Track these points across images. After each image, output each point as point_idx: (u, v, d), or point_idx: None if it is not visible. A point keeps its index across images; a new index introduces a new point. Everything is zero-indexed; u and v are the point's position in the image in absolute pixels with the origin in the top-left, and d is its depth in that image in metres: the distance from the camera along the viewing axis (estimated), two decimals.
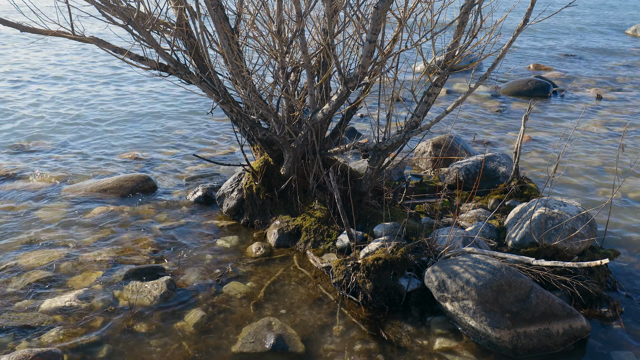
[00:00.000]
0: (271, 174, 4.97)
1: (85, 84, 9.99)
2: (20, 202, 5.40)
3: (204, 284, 4.21)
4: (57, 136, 7.29)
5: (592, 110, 9.30)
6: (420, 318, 3.88)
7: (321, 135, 4.77)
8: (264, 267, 4.46)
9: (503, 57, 3.94)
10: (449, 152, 6.22)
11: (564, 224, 4.24)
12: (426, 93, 4.28)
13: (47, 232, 4.86)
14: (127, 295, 4.01)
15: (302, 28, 3.72)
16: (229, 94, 4.45)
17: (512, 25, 3.82)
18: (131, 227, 5.00)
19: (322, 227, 4.68)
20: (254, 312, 3.89)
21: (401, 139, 4.36)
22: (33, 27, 3.93)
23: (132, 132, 7.53)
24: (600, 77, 11.69)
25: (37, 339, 3.55)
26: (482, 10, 3.76)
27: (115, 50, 4.12)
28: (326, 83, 4.71)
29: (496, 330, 3.53)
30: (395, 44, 4.27)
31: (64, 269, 4.33)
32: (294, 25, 4.13)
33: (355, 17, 3.89)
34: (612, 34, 17.61)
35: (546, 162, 6.73)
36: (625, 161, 6.71)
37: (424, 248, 4.15)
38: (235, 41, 4.11)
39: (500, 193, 5.19)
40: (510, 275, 3.63)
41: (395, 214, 4.77)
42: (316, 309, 3.95)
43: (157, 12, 4.02)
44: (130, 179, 5.77)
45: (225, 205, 5.31)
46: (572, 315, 3.65)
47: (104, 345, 3.52)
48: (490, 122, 8.50)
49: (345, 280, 4.05)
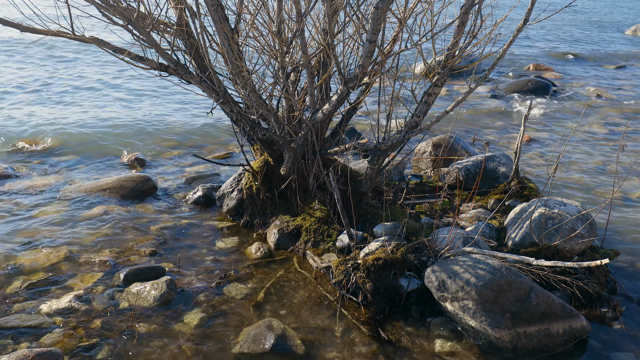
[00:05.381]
0: (271, 174, 4.96)
1: (86, 84, 9.99)
2: (20, 202, 5.39)
3: (204, 284, 4.21)
4: (57, 136, 7.29)
5: (592, 110, 9.30)
6: (420, 318, 3.88)
7: (321, 135, 4.77)
8: (264, 268, 4.46)
9: (503, 57, 3.94)
10: (449, 152, 6.22)
11: (564, 224, 4.24)
12: (426, 93, 4.28)
13: (47, 232, 4.85)
14: (127, 296, 4.01)
15: (302, 28, 3.72)
16: (229, 94, 4.44)
17: (512, 26, 3.81)
18: (131, 228, 5.00)
19: (322, 227, 4.68)
20: (254, 313, 3.89)
21: (401, 139, 4.36)
22: (33, 27, 3.93)
23: (133, 132, 7.53)
24: (600, 77, 11.69)
25: (37, 339, 3.55)
26: (482, 10, 3.76)
27: (115, 50, 4.12)
28: (326, 83, 4.71)
29: (496, 330, 3.53)
30: (395, 44, 4.27)
31: (64, 269, 4.32)
32: (294, 25, 4.13)
33: (355, 17, 3.89)
34: (612, 34, 17.61)
35: (546, 162, 6.73)
36: (625, 161, 6.71)
37: (424, 248, 4.15)
38: (235, 41, 4.11)
39: (500, 193, 5.19)
40: (510, 275, 3.63)
41: (395, 214, 4.77)
42: (316, 310, 3.95)
43: (157, 12, 4.02)
44: (130, 179, 5.77)
45: (225, 205, 5.31)
46: (572, 315, 3.65)
47: (104, 346, 3.52)
48: (490, 122, 8.50)
49: (345, 280, 4.04)
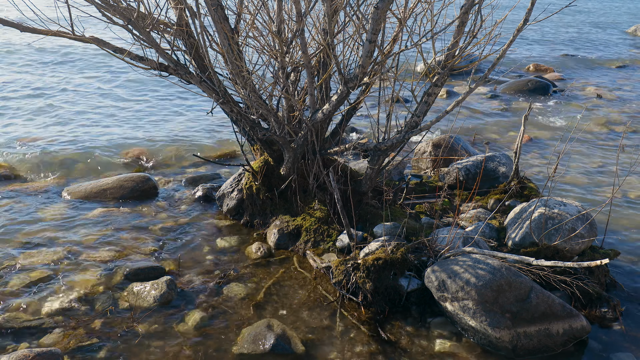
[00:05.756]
0: (271, 174, 4.96)
1: (86, 83, 9.98)
2: (20, 202, 5.39)
3: (204, 284, 4.21)
4: (57, 136, 7.29)
5: (592, 110, 9.29)
6: (420, 318, 3.88)
7: (321, 135, 4.77)
8: (264, 268, 4.46)
9: (503, 57, 3.94)
10: (449, 152, 6.22)
11: (564, 224, 4.24)
12: (426, 93, 4.28)
13: (47, 232, 4.85)
14: (127, 296, 4.01)
15: (302, 28, 3.72)
16: (229, 94, 4.44)
17: (512, 26, 3.81)
18: (131, 227, 5.00)
19: (322, 227, 4.68)
20: (254, 313, 3.89)
21: (401, 139, 4.36)
22: (33, 27, 3.93)
23: (133, 132, 7.53)
24: (600, 77, 11.69)
25: (37, 339, 3.55)
26: (482, 10, 3.76)
27: (115, 50, 4.12)
28: (326, 83, 4.70)
29: (496, 330, 3.53)
30: (395, 44, 4.27)
31: (64, 269, 4.32)
32: (294, 25, 4.13)
33: (355, 17, 3.89)
34: (612, 34, 17.60)
35: (546, 162, 6.73)
36: (625, 161, 6.71)
37: (424, 248, 4.15)
38: (235, 41, 4.11)
39: (500, 193, 5.19)
40: (510, 275, 3.63)
41: (395, 214, 4.77)
42: (316, 310, 3.95)
43: (157, 12, 4.02)
44: (131, 179, 5.77)
45: (225, 205, 5.31)
46: (572, 315, 3.65)
47: (104, 346, 3.52)
48: (490, 122, 8.50)
49: (345, 280, 4.05)
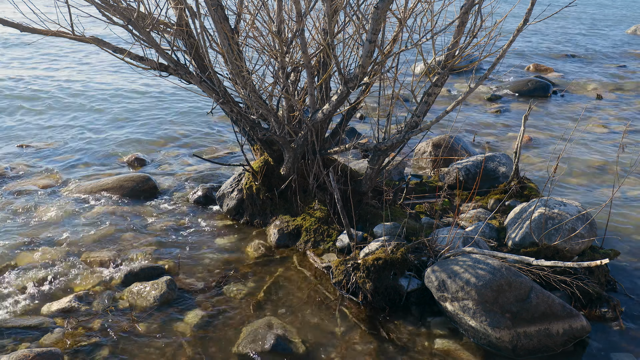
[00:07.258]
0: (271, 174, 4.96)
1: (86, 83, 9.99)
2: (20, 202, 5.39)
3: (204, 284, 4.21)
4: (57, 136, 7.29)
5: (592, 110, 9.29)
6: (420, 318, 3.88)
7: (321, 135, 4.77)
8: (264, 267, 4.46)
9: (503, 57, 3.94)
10: (449, 152, 6.22)
11: (564, 224, 4.24)
12: (426, 93, 4.28)
13: (47, 232, 4.85)
14: (127, 296, 4.01)
15: (302, 28, 3.72)
16: (229, 94, 4.45)
17: (512, 26, 3.81)
18: (131, 227, 5.00)
19: (322, 227, 4.68)
20: (254, 313, 3.89)
21: (401, 139, 4.36)
22: (33, 27, 3.93)
23: (133, 132, 7.53)
24: (600, 77, 11.69)
25: (37, 339, 3.55)
26: (482, 10, 3.77)
27: (115, 51, 4.12)
28: (326, 83, 4.71)
29: (496, 330, 3.53)
30: (395, 44, 4.27)
31: (64, 269, 4.33)
32: (294, 25, 4.13)
33: (355, 17, 3.89)
34: (612, 33, 17.60)
35: (546, 162, 6.73)
36: (625, 161, 6.71)
37: (424, 248, 4.15)
38: (235, 41, 4.11)
39: (500, 193, 5.19)
40: (510, 275, 3.63)
41: (395, 214, 4.77)
42: (316, 309, 3.95)
43: (157, 12, 4.02)
44: (131, 179, 5.77)
45: (225, 205, 5.31)
46: (572, 315, 3.65)
47: (104, 346, 3.52)
48: (490, 122, 8.50)
49: (345, 280, 4.05)
